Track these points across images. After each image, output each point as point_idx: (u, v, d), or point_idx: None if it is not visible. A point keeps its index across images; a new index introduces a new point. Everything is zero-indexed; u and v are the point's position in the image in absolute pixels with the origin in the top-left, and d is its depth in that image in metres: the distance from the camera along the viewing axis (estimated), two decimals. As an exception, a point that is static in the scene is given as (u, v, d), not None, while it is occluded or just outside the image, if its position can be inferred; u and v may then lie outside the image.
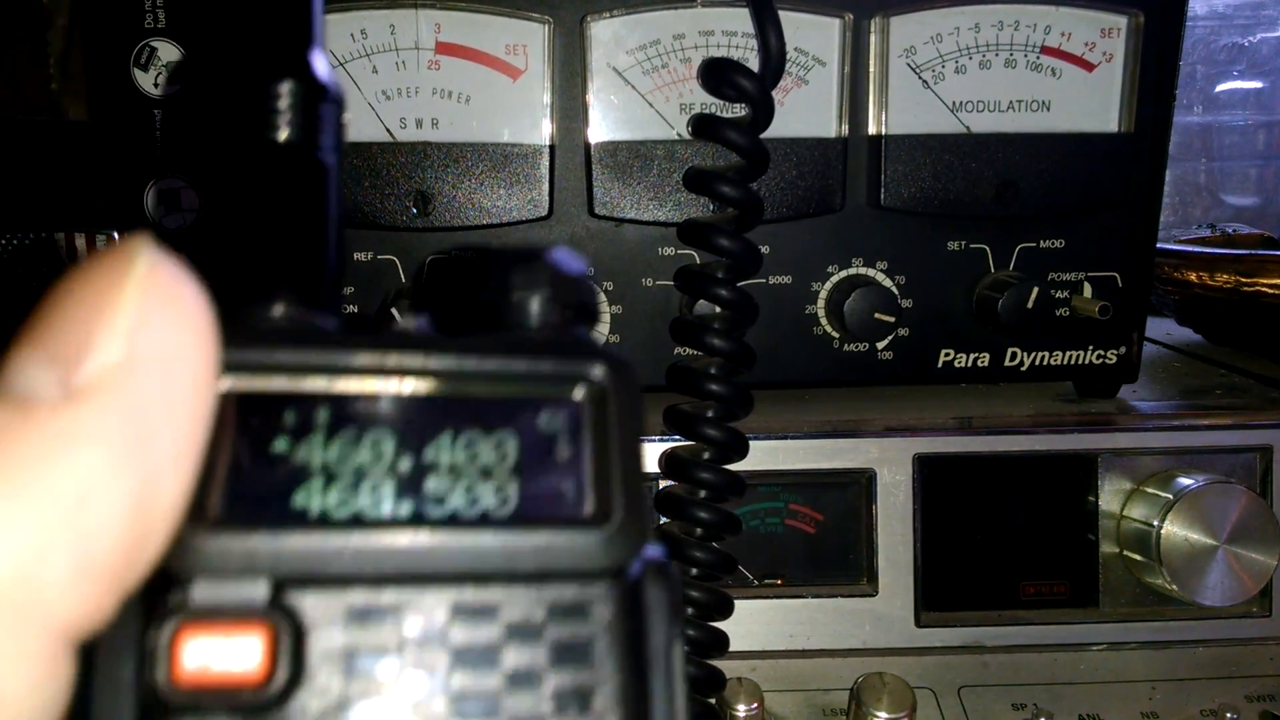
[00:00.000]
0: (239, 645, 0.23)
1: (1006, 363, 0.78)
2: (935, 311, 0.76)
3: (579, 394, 0.27)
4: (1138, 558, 0.71)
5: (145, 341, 0.20)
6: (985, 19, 0.74)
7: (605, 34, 0.71)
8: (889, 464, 0.71)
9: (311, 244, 0.28)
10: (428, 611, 0.24)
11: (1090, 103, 0.76)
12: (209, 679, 0.23)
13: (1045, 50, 0.75)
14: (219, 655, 0.23)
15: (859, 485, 0.71)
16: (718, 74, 0.69)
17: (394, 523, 0.24)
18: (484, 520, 0.25)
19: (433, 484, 0.25)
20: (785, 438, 0.70)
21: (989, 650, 0.71)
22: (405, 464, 0.25)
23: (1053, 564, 0.73)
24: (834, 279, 0.75)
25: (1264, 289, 0.87)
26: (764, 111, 0.67)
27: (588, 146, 0.72)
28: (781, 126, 0.70)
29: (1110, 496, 0.72)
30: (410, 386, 0.26)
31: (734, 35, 0.71)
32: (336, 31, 0.69)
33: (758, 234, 0.68)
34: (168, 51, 0.70)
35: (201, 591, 0.23)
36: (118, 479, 0.20)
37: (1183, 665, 0.72)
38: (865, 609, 0.71)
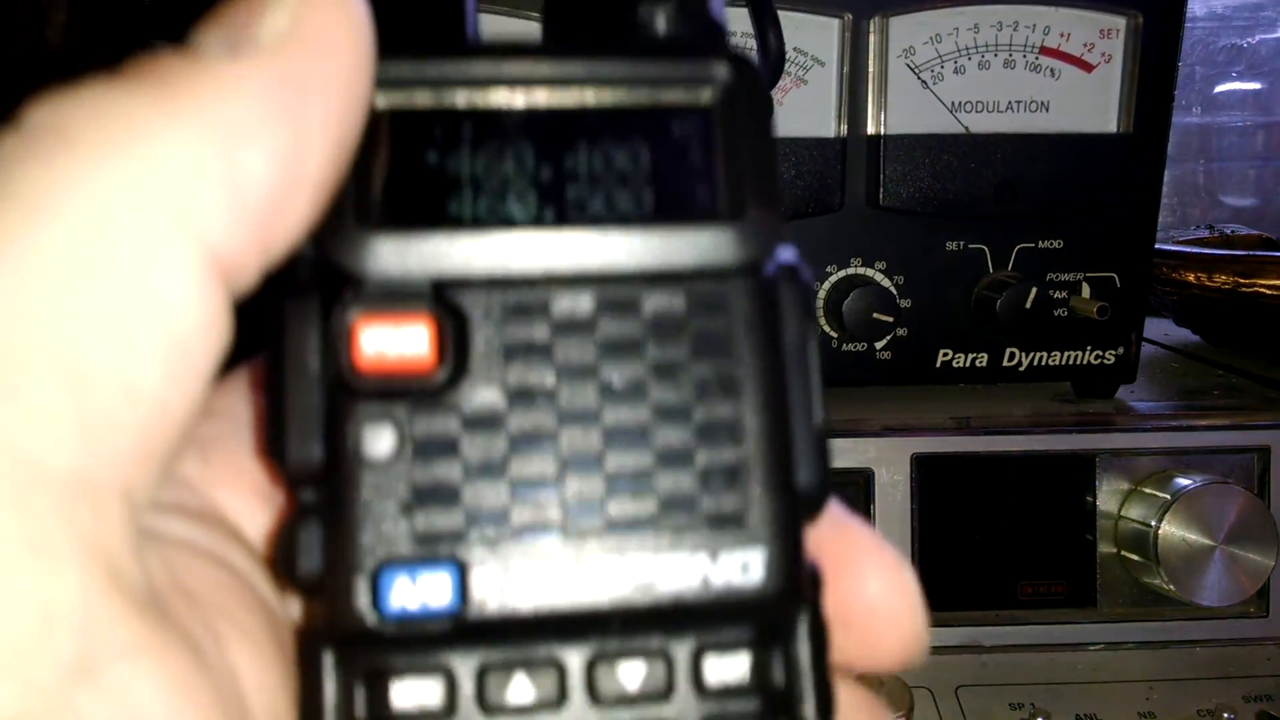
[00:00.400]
0: (409, 334, 0.25)
1: (1005, 363, 0.78)
2: (933, 312, 0.76)
3: (708, 96, 0.27)
4: (1135, 558, 0.71)
5: (309, 20, 0.23)
6: (984, 19, 0.74)
7: (604, 33, 0.70)
8: (887, 464, 0.71)
9: None
10: (575, 308, 0.26)
11: (1089, 103, 0.76)
12: (385, 365, 0.25)
13: (1044, 51, 0.75)
14: (392, 343, 0.25)
15: (856, 485, 0.71)
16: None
17: (541, 223, 0.26)
18: (624, 220, 0.26)
19: (574, 191, 0.26)
20: (783, 437, 0.70)
21: (987, 650, 0.71)
22: (547, 173, 0.26)
23: (1050, 564, 0.73)
24: (832, 279, 0.75)
25: (1262, 290, 0.87)
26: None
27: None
28: (780, 126, 0.69)
29: (1108, 497, 0.72)
30: (546, 97, 0.27)
31: (733, 35, 0.71)
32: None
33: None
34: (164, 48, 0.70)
35: (373, 286, 0.25)
36: (269, 131, 0.22)
37: (1180, 665, 0.72)
38: (863, 609, 0.70)
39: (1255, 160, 1.23)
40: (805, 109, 0.73)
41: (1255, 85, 1.22)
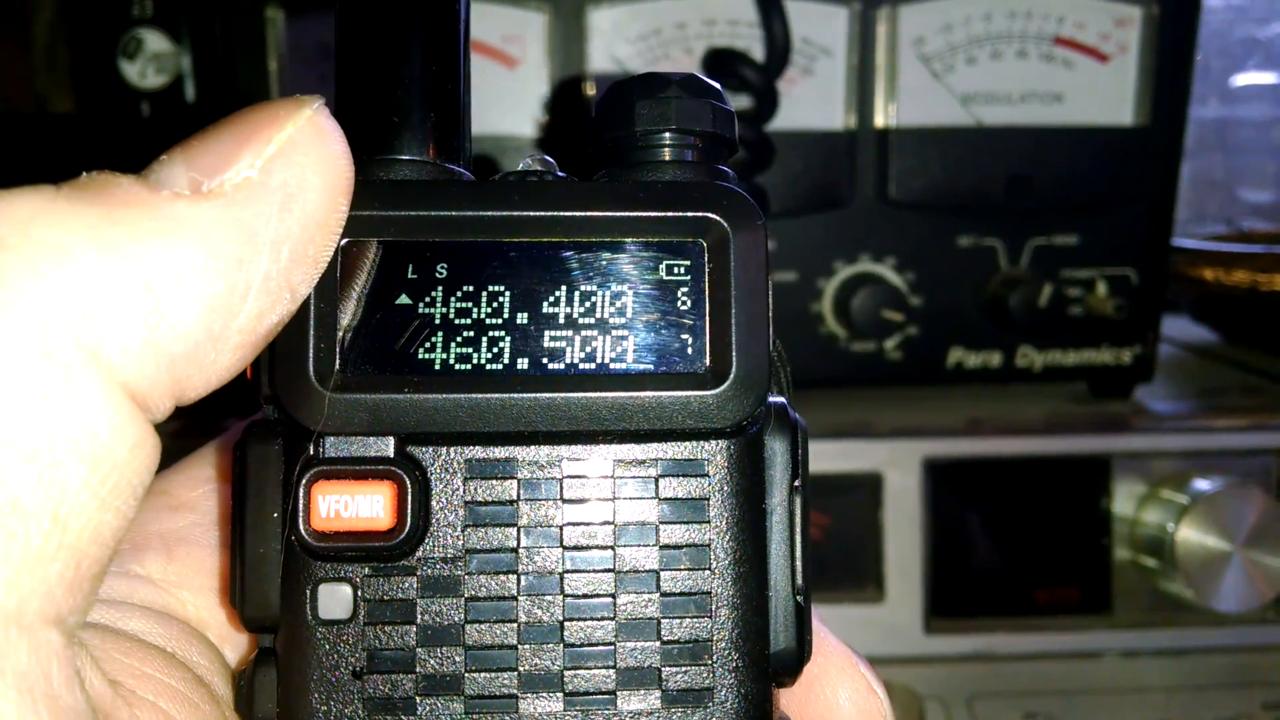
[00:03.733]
0: (367, 498, 0.25)
1: (1018, 363, 0.77)
2: (945, 309, 0.75)
3: (699, 243, 0.26)
4: (1152, 563, 0.69)
5: (280, 172, 0.22)
6: (997, 8, 0.73)
7: (605, 23, 0.70)
8: (897, 467, 0.69)
9: (444, 83, 0.28)
10: (543, 467, 0.25)
11: (1104, 95, 0.75)
12: (342, 527, 0.25)
13: (1058, 41, 0.74)
14: (350, 507, 0.25)
15: (866, 489, 0.70)
16: (721, 64, 0.68)
17: (512, 379, 0.25)
18: (600, 377, 0.25)
19: (550, 337, 0.26)
20: (790, 439, 0.69)
21: (1000, 658, 0.70)
22: (523, 317, 0.26)
23: (1065, 569, 0.71)
24: (840, 276, 0.74)
25: (1281, 287, 0.86)
26: (768, 103, 0.66)
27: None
28: (786, 118, 0.69)
29: (1124, 500, 0.71)
30: (528, 238, 0.26)
31: (737, 24, 0.70)
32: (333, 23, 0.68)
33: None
34: (155, 42, 0.69)
35: (333, 448, 0.25)
36: (206, 279, 0.21)
37: (1198, 673, 0.70)
38: (872, 616, 0.69)
39: (1274, 154, 1.22)
40: (812, 101, 0.72)
41: (1273, 78, 1.21)
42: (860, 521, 0.70)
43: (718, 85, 0.29)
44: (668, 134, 0.28)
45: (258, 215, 0.22)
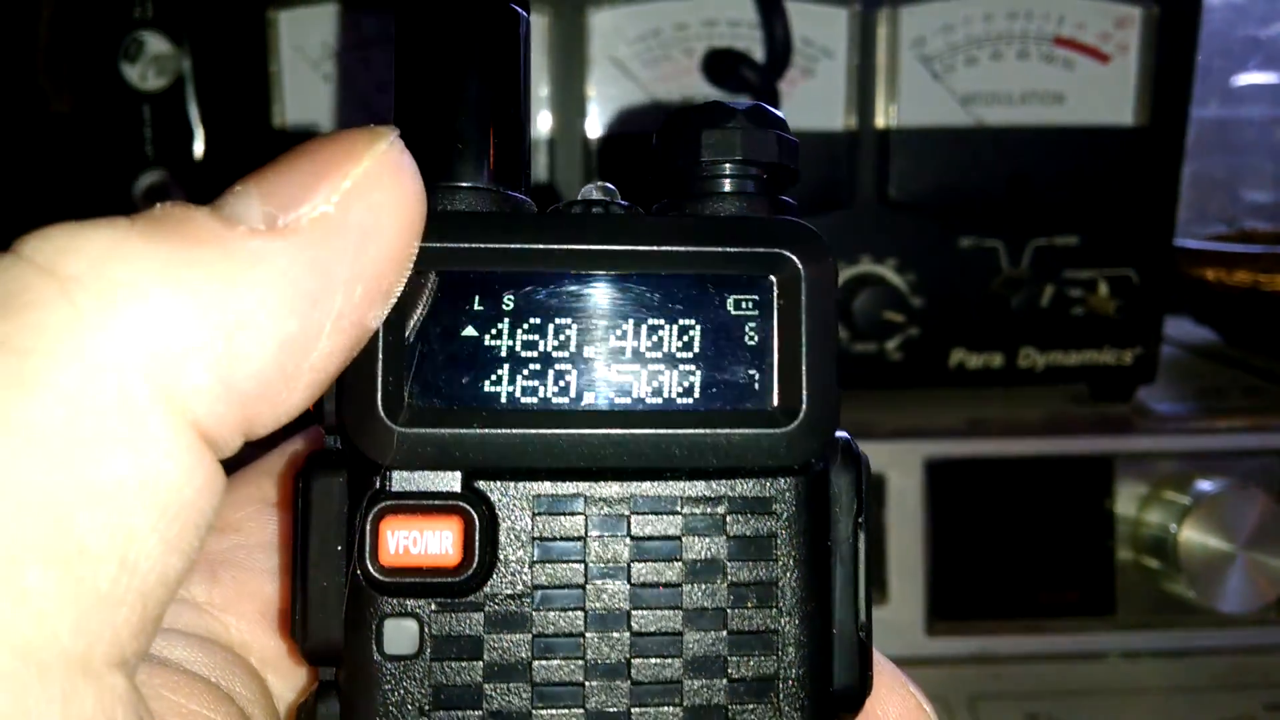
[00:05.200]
0: (435, 534, 0.25)
1: (1019, 364, 0.77)
2: (946, 310, 0.75)
3: (769, 280, 0.26)
4: (1154, 564, 0.69)
5: (358, 208, 0.22)
6: (997, 8, 0.73)
7: (605, 24, 0.70)
8: (898, 468, 0.69)
9: (506, 111, 0.28)
10: (611, 503, 0.25)
11: (1105, 95, 0.74)
12: (409, 563, 0.25)
13: (1058, 41, 0.74)
14: (417, 542, 0.25)
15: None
16: (721, 65, 0.68)
17: (579, 415, 0.25)
18: (667, 414, 0.25)
19: (617, 371, 0.26)
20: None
21: (1002, 660, 0.70)
22: (590, 351, 0.26)
23: (1067, 571, 0.71)
24: (841, 276, 0.73)
25: (1283, 287, 0.85)
26: (768, 104, 0.66)
27: (585, 140, 0.71)
28: (787, 119, 0.69)
29: (1126, 501, 0.71)
30: (596, 272, 0.26)
31: (738, 25, 0.70)
32: (336, 24, 0.68)
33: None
34: (156, 44, 0.69)
35: (400, 482, 0.25)
36: (277, 319, 0.21)
37: (1200, 674, 0.70)
38: (874, 617, 0.69)
39: (1275, 154, 1.21)
40: (813, 102, 0.72)
41: (1274, 78, 1.21)
42: (862, 523, 0.70)
43: (782, 115, 0.29)
44: (730, 165, 0.28)
45: (334, 253, 0.21)
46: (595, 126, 0.71)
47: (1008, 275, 0.74)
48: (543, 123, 0.70)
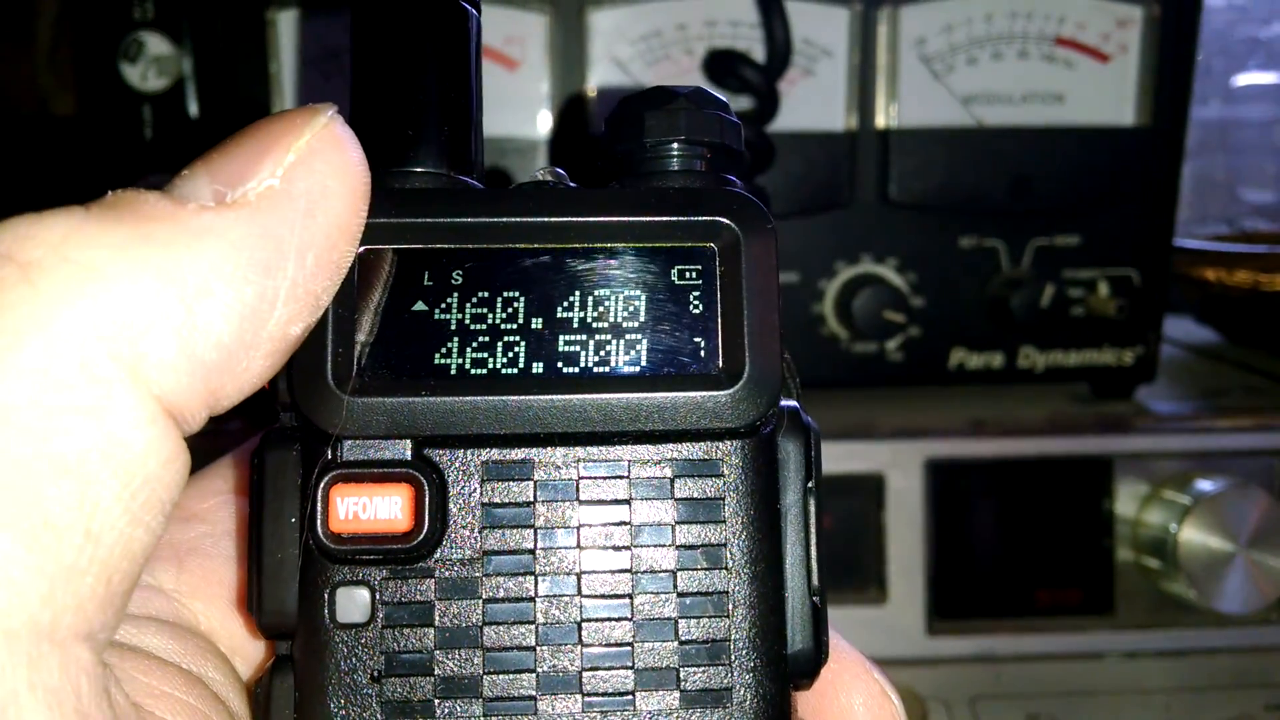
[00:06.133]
0: (385, 500, 0.25)
1: (1020, 363, 0.77)
2: (946, 310, 0.75)
3: (711, 248, 0.27)
4: (1154, 564, 0.69)
5: (302, 179, 0.22)
6: (998, 8, 0.73)
7: (606, 24, 0.70)
8: (898, 468, 0.69)
9: (456, 98, 0.28)
10: (559, 468, 0.26)
11: (1105, 95, 0.74)
12: (360, 529, 0.25)
13: (1059, 41, 0.74)
14: (368, 509, 0.25)
15: (867, 490, 0.70)
16: (722, 65, 0.67)
17: (527, 382, 0.25)
18: (613, 380, 0.26)
19: (564, 342, 0.26)
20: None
21: (1002, 660, 0.70)
22: (538, 322, 0.26)
23: (1067, 570, 0.71)
24: (842, 277, 0.74)
25: (1284, 287, 0.85)
26: (769, 104, 0.66)
27: (586, 140, 0.70)
28: (787, 119, 0.69)
29: (1126, 501, 0.71)
30: (542, 244, 0.26)
31: (738, 25, 0.70)
32: (335, 24, 0.68)
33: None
34: (156, 45, 0.69)
35: (350, 451, 0.25)
36: (234, 288, 0.21)
37: (1200, 674, 0.70)
38: (874, 617, 0.69)
39: (1275, 154, 1.21)
40: (813, 101, 0.72)
41: (1275, 77, 1.21)
42: (862, 523, 0.70)
43: (725, 99, 0.29)
44: (676, 144, 0.28)
45: (283, 223, 0.22)
46: (595, 126, 0.71)
47: (1008, 275, 0.74)
48: (543, 123, 0.70)
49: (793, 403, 0.27)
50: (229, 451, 0.31)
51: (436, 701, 0.24)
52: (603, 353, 0.26)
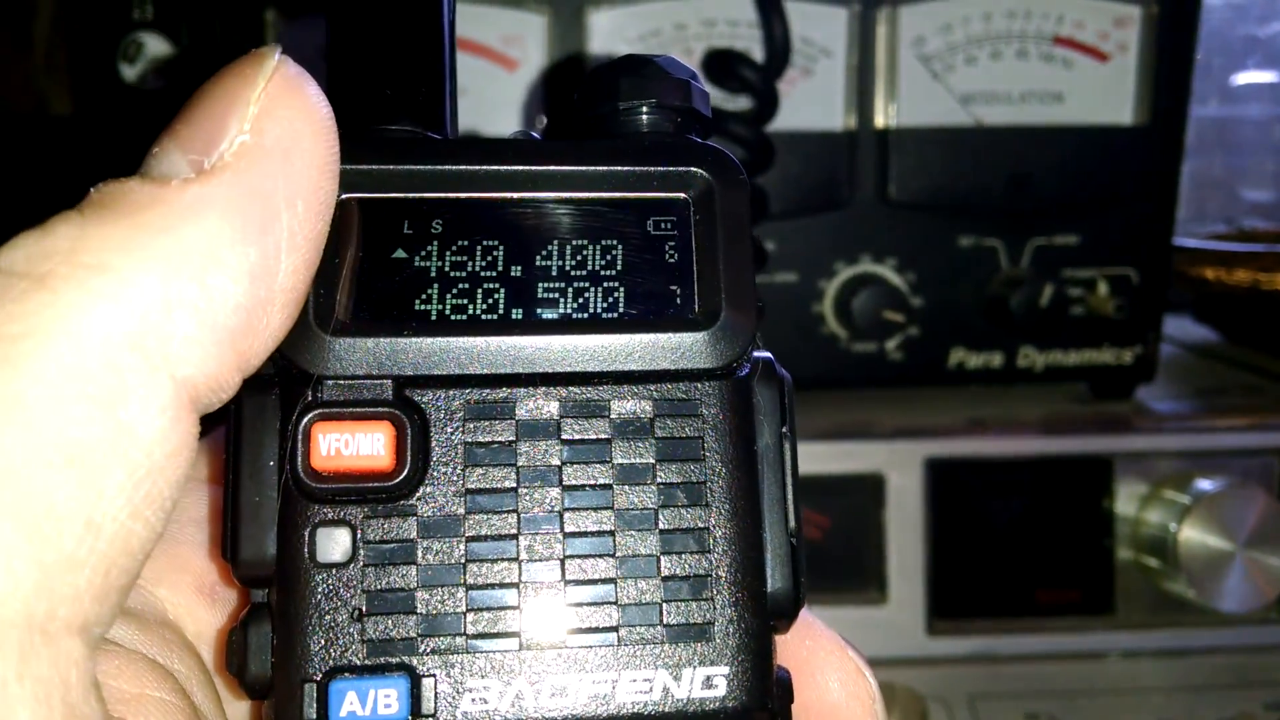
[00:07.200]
0: (367, 437, 0.25)
1: (1019, 363, 0.77)
2: (946, 310, 0.75)
3: (685, 196, 0.27)
4: (1154, 563, 0.69)
5: (270, 129, 0.22)
6: (996, 8, 0.73)
7: (605, 24, 0.70)
8: (898, 467, 0.69)
9: (429, 60, 0.29)
10: (540, 408, 0.26)
11: (1104, 94, 0.74)
12: (342, 468, 0.25)
13: (1058, 40, 0.74)
14: (349, 446, 0.25)
15: (867, 490, 0.70)
16: (721, 65, 0.67)
17: (507, 325, 0.26)
18: (593, 322, 0.26)
19: (544, 289, 0.26)
20: (791, 440, 0.69)
21: (1002, 659, 0.70)
22: (517, 270, 0.26)
23: (1067, 570, 0.71)
24: (841, 276, 0.74)
25: (1283, 286, 0.85)
26: (768, 104, 0.66)
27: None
28: (786, 119, 0.69)
29: (1126, 500, 0.71)
30: (520, 192, 0.27)
31: (737, 25, 0.70)
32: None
33: (761, 230, 0.67)
34: (155, 45, 0.69)
35: (332, 392, 0.25)
36: (238, 251, 0.22)
37: (1200, 673, 0.70)
38: (874, 617, 0.69)
39: (1274, 153, 1.21)
40: (812, 101, 0.72)
41: (1274, 76, 1.21)
42: (862, 522, 0.70)
43: (693, 69, 0.30)
44: (646, 107, 0.29)
45: (265, 176, 0.22)
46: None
47: (1008, 275, 0.74)
48: (543, 123, 0.70)
49: (766, 354, 0.28)
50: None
51: (419, 639, 0.24)
52: (582, 299, 0.26)
